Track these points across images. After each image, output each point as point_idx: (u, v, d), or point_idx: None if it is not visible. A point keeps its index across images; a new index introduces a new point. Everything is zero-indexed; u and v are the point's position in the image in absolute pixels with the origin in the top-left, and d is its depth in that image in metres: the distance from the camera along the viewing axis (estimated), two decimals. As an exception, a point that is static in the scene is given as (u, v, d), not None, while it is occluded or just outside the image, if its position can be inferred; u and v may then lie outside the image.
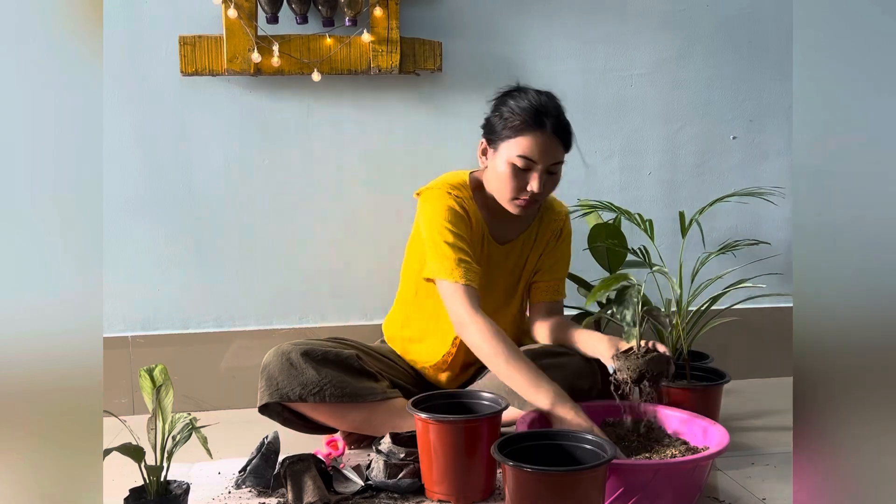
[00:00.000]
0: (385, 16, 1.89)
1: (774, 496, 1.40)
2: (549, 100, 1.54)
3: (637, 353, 1.42)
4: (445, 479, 1.34)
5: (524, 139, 1.50)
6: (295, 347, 1.57)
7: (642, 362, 1.39)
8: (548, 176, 1.54)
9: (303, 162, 1.99)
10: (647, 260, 1.74)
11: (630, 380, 1.39)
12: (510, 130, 1.51)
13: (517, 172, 1.52)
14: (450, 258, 1.52)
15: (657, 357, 1.41)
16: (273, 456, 1.42)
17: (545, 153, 1.51)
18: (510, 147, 1.51)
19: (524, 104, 1.51)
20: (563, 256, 1.73)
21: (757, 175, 2.16)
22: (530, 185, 1.52)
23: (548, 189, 1.56)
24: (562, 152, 1.54)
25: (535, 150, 1.50)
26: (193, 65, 1.87)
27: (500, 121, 1.53)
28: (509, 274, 1.69)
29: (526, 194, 1.53)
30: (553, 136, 1.51)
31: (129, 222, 1.94)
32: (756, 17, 2.12)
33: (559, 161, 1.54)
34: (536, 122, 1.49)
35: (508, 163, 1.51)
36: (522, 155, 1.50)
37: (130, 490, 1.21)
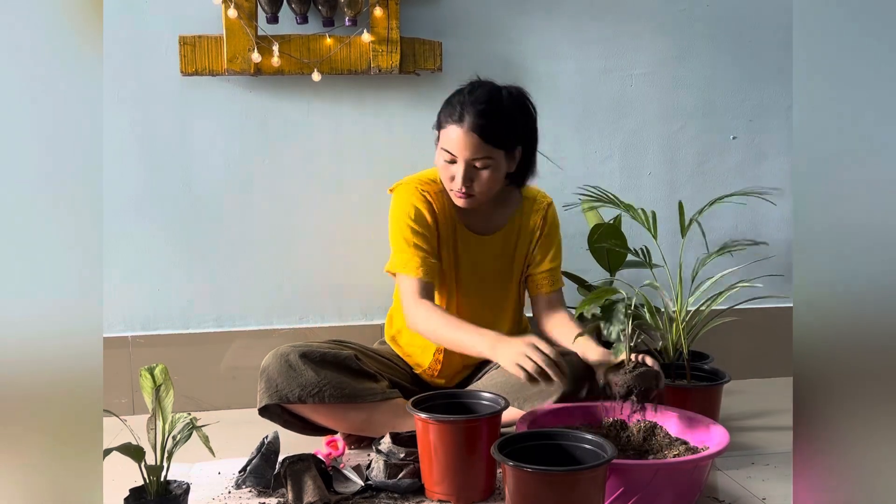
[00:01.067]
0: (385, 16, 1.89)
1: (774, 496, 1.40)
2: (478, 97, 1.54)
3: (626, 367, 1.40)
4: (445, 479, 1.34)
5: (445, 132, 1.55)
6: (293, 349, 1.58)
7: (630, 377, 1.38)
8: (475, 170, 1.55)
9: (303, 162, 1.99)
10: (647, 260, 1.74)
11: (618, 395, 1.39)
12: (439, 124, 1.58)
13: (446, 165, 1.56)
14: (408, 254, 1.59)
15: (645, 372, 1.39)
16: (273, 456, 1.42)
17: (462, 147, 1.52)
18: (440, 140, 1.57)
19: (454, 98, 1.56)
20: (551, 245, 1.72)
21: (757, 175, 2.16)
22: (455, 177, 1.55)
23: (480, 185, 1.56)
24: (485, 148, 1.53)
25: (452, 144, 1.54)
26: (193, 65, 1.87)
27: (439, 115, 1.59)
28: (495, 265, 1.70)
29: (454, 185, 1.56)
30: (470, 133, 1.51)
31: (129, 222, 1.94)
32: (756, 17, 2.12)
33: (484, 157, 1.53)
34: (457, 117, 1.53)
35: (440, 153, 1.57)
36: (443, 147, 1.55)
37: (130, 490, 1.21)
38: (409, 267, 1.58)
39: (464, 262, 1.68)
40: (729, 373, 1.70)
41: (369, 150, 2.00)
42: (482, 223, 1.69)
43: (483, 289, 1.70)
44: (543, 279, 1.71)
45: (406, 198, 1.63)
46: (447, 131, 1.55)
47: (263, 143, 1.97)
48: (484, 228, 1.69)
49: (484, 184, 1.56)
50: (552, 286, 1.71)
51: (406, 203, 1.62)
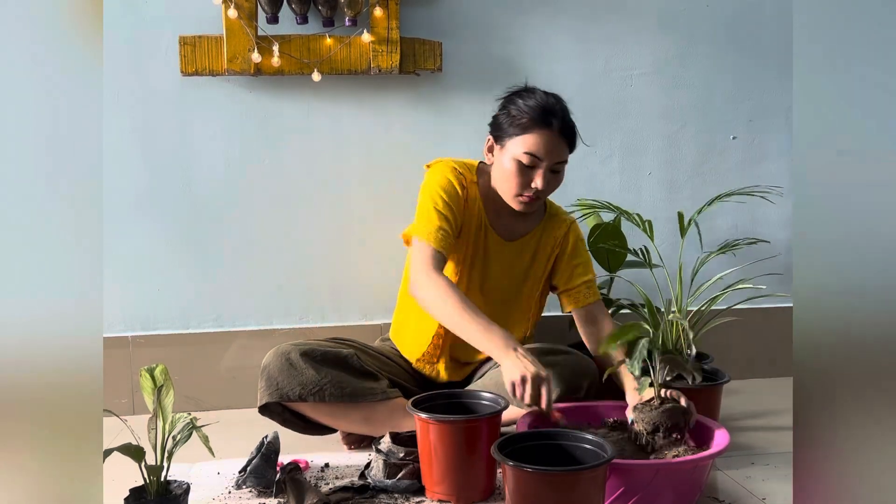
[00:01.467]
0: (385, 16, 1.89)
1: (774, 496, 1.40)
2: (557, 101, 1.58)
3: (653, 404, 1.38)
4: (445, 478, 1.34)
5: (531, 136, 1.53)
6: (294, 347, 1.58)
7: (657, 414, 1.36)
8: (551, 174, 1.56)
9: (303, 162, 1.99)
10: (647, 260, 1.74)
11: (645, 431, 1.37)
12: (518, 128, 1.54)
13: (522, 169, 1.55)
14: (432, 222, 1.57)
15: (672, 409, 1.37)
16: (273, 456, 1.42)
17: (550, 151, 1.53)
18: (517, 144, 1.54)
19: (532, 103, 1.55)
20: (580, 262, 1.71)
21: (757, 175, 2.16)
22: (534, 181, 1.55)
23: (551, 187, 1.59)
24: (566, 152, 1.57)
25: (541, 148, 1.53)
26: (193, 65, 1.87)
27: (508, 118, 1.56)
28: (510, 271, 1.69)
29: (530, 191, 1.56)
30: (559, 136, 1.54)
31: (129, 222, 1.94)
32: (756, 17, 2.12)
33: (563, 160, 1.57)
34: (544, 121, 1.53)
35: (514, 159, 1.54)
36: (529, 152, 1.53)
37: (130, 490, 1.21)
38: (427, 231, 1.56)
39: (482, 260, 1.68)
40: (729, 373, 1.70)
41: (369, 150, 2.00)
42: (507, 229, 1.68)
43: (494, 292, 1.69)
44: (578, 293, 1.69)
45: (444, 172, 1.62)
46: (530, 136, 1.52)
47: (263, 143, 1.97)
48: (508, 234, 1.69)
49: (554, 186, 1.59)
50: (586, 299, 1.69)
51: (442, 176, 1.61)
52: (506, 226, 1.68)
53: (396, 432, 1.47)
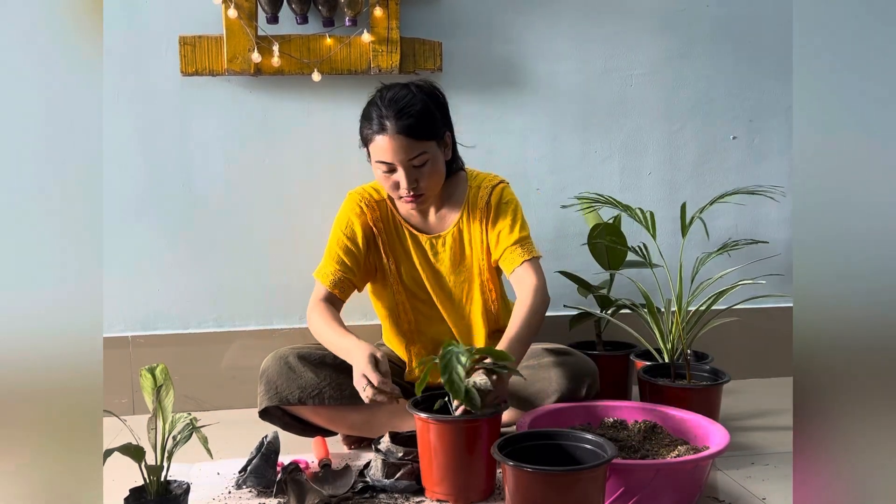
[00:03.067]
0: (385, 16, 1.89)
1: (774, 496, 1.40)
2: (395, 99, 1.52)
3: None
4: (445, 479, 1.34)
5: (374, 146, 1.53)
6: (293, 351, 1.58)
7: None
8: (416, 169, 1.53)
9: (303, 162, 1.99)
10: (646, 258, 1.74)
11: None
12: (366, 138, 1.55)
13: (386, 176, 1.55)
14: (328, 265, 1.64)
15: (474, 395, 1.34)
16: (273, 455, 1.42)
17: (395, 152, 1.50)
18: (372, 155, 1.56)
19: (367, 113, 1.55)
20: (503, 226, 1.61)
21: (757, 175, 2.16)
22: (400, 183, 1.54)
23: (426, 181, 1.54)
24: (417, 145, 1.51)
25: (385, 153, 1.51)
26: (193, 65, 1.87)
27: (361, 127, 1.57)
28: (452, 265, 1.66)
29: (403, 191, 1.55)
30: (398, 136, 1.50)
31: (129, 222, 1.94)
32: (756, 17, 2.12)
33: (419, 153, 1.51)
34: (379, 127, 1.51)
35: (376, 169, 1.56)
36: (378, 160, 1.54)
37: (130, 490, 1.21)
38: (323, 274, 1.64)
39: (418, 266, 1.66)
40: (729, 373, 1.70)
41: (369, 150, 2.00)
42: (436, 223, 1.67)
43: (443, 291, 1.67)
44: (506, 257, 1.61)
45: (345, 209, 1.67)
46: (375, 144, 1.52)
47: (263, 143, 1.97)
48: (438, 228, 1.66)
49: (428, 179, 1.54)
50: (513, 263, 1.59)
51: (343, 216, 1.66)
52: (432, 221, 1.67)
53: (396, 432, 1.47)
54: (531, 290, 1.55)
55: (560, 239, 2.07)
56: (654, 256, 1.75)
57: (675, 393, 1.62)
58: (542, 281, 1.58)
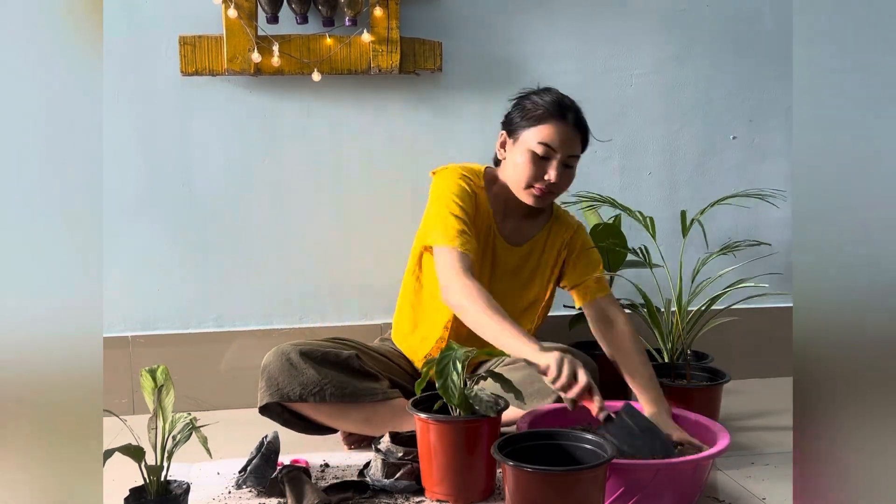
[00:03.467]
0: (385, 16, 1.89)
1: (774, 496, 1.40)
2: (572, 101, 1.61)
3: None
4: (445, 479, 1.34)
5: (546, 127, 1.55)
6: (294, 347, 1.58)
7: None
8: (564, 168, 1.57)
9: (303, 162, 1.99)
10: (647, 259, 1.74)
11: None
12: (532, 120, 1.57)
13: (536, 160, 1.56)
14: (452, 227, 1.55)
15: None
16: (273, 455, 1.42)
17: (565, 143, 1.55)
18: (531, 135, 1.56)
19: (547, 97, 1.58)
20: (589, 260, 1.71)
21: (757, 175, 2.16)
22: (548, 173, 1.56)
23: (563, 181, 1.59)
24: (579, 147, 1.59)
25: (555, 139, 1.55)
26: (193, 65, 1.87)
27: (522, 112, 1.59)
28: (514, 275, 1.69)
29: (542, 183, 1.56)
30: (573, 129, 1.57)
31: (129, 222, 1.94)
32: (756, 17, 2.12)
33: (576, 154, 1.59)
34: (559, 113, 1.56)
35: (528, 150, 1.56)
36: (543, 142, 1.55)
37: (130, 490, 1.21)
38: (449, 237, 1.53)
39: (490, 264, 1.68)
40: (729, 373, 1.71)
41: (369, 150, 2.00)
42: (514, 233, 1.69)
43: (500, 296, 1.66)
44: (586, 287, 1.69)
45: (453, 178, 1.62)
46: (545, 127, 1.54)
47: (263, 143, 1.97)
48: (515, 238, 1.69)
49: (566, 182, 1.60)
50: (595, 293, 1.68)
51: (454, 182, 1.61)
52: (512, 229, 1.69)
53: (396, 432, 1.47)
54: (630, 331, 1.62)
55: (560, 239, 2.07)
56: (654, 257, 1.75)
57: (675, 393, 1.62)
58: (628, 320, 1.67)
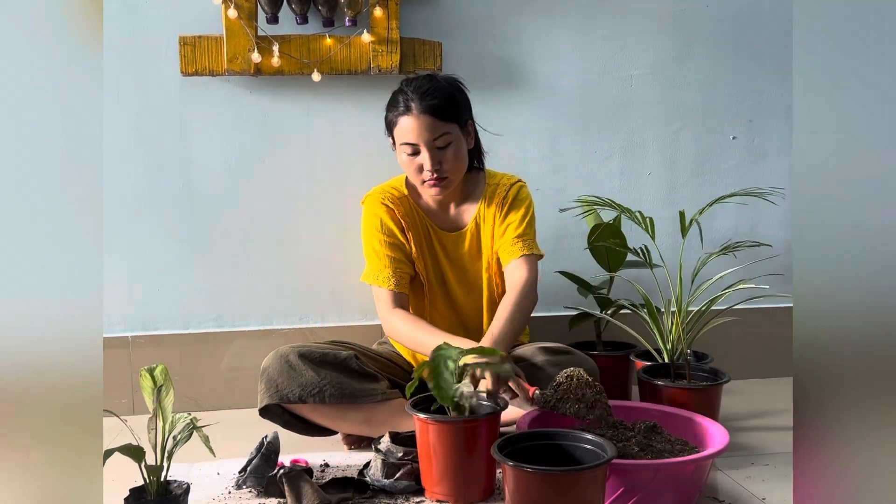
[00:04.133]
0: (385, 16, 1.89)
1: (774, 496, 1.40)
2: (421, 83, 1.59)
3: None
4: (445, 479, 1.34)
5: (398, 127, 1.60)
6: (293, 349, 1.58)
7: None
8: (440, 151, 1.59)
9: (303, 162, 1.99)
10: (647, 259, 1.74)
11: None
12: (391, 122, 1.62)
13: (410, 159, 1.60)
14: (379, 266, 1.66)
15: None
16: (273, 456, 1.42)
17: (419, 132, 1.57)
18: (396, 139, 1.62)
19: (393, 99, 1.62)
20: (512, 218, 1.66)
21: (757, 175, 2.16)
22: (424, 164, 1.58)
23: (449, 164, 1.60)
24: (441, 125, 1.57)
25: (409, 133, 1.58)
26: (193, 65, 1.87)
27: (387, 114, 1.64)
28: (469, 261, 1.71)
29: (427, 174, 1.60)
30: (422, 115, 1.56)
31: (129, 222, 1.94)
32: (756, 17, 2.12)
33: (442, 133, 1.58)
34: (404, 108, 1.58)
35: (401, 152, 1.61)
36: (403, 142, 1.59)
37: (130, 490, 1.21)
38: (380, 278, 1.64)
39: (440, 261, 1.71)
40: (729, 373, 1.70)
41: (369, 150, 2.00)
42: (453, 220, 1.72)
43: (461, 286, 1.72)
44: (505, 250, 1.65)
45: (372, 210, 1.68)
46: (400, 126, 1.59)
47: (263, 143, 1.97)
48: (454, 225, 1.72)
49: (451, 162, 1.60)
50: (512, 255, 1.63)
51: (372, 215, 1.68)
52: (449, 218, 1.72)
53: (396, 432, 1.47)
54: (519, 285, 1.60)
55: (560, 239, 2.07)
56: (653, 257, 1.75)
57: (675, 393, 1.62)
58: (533, 277, 1.62)
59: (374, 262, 1.67)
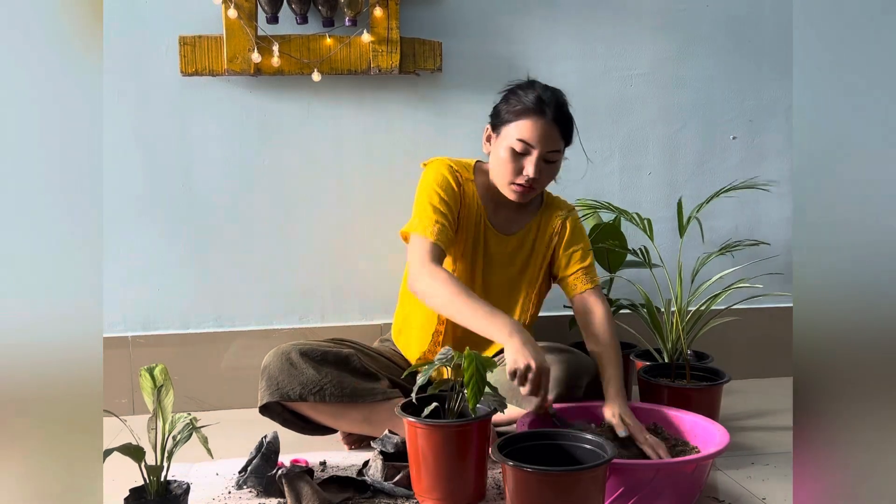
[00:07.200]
0: (385, 16, 1.89)
1: (774, 496, 1.40)
2: (554, 92, 1.60)
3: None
4: (435, 483, 1.32)
5: (524, 123, 1.55)
6: (294, 347, 1.58)
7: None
8: (545, 164, 1.58)
9: (303, 162, 1.99)
10: (646, 260, 1.74)
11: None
12: (512, 115, 1.57)
13: (515, 156, 1.57)
14: (429, 217, 1.59)
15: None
16: (273, 456, 1.42)
17: (543, 138, 1.55)
18: (510, 131, 1.57)
19: (528, 92, 1.58)
20: (577, 248, 1.69)
21: (757, 175, 2.15)
22: (526, 169, 1.56)
23: (544, 177, 1.60)
24: (560, 142, 1.58)
25: (533, 135, 1.55)
26: (193, 65, 1.87)
27: (505, 107, 1.60)
28: (510, 264, 1.70)
29: (522, 178, 1.57)
30: (552, 124, 1.56)
31: (129, 222, 1.94)
32: (756, 17, 2.12)
33: (557, 149, 1.58)
34: (537, 109, 1.55)
35: (508, 146, 1.57)
36: (521, 138, 1.55)
37: (130, 490, 1.21)
38: (425, 227, 1.57)
39: (482, 254, 1.69)
40: (729, 373, 1.71)
41: (369, 150, 2.01)
42: (506, 222, 1.70)
43: (495, 286, 1.70)
44: (575, 280, 1.68)
45: (440, 170, 1.64)
46: (523, 123, 1.55)
47: (263, 143, 1.97)
48: (506, 228, 1.70)
49: (547, 177, 1.60)
50: (584, 285, 1.67)
51: (438, 174, 1.64)
52: (504, 219, 1.70)
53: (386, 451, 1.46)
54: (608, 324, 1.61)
55: (560, 239, 2.08)
56: (653, 258, 1.75)
57: (675, 393, 1.62)
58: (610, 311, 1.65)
59: (423, 214, 1.59)
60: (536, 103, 1.55)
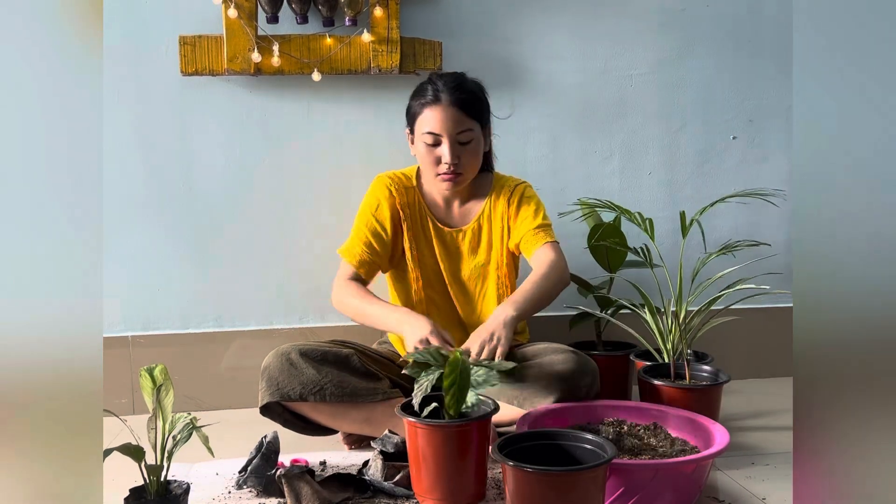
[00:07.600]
0: (385, 16, 1.89)
1: (774, 496, 1.40)
2: (452, 77, 1.65)
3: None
4: (434, 483, 1.31)
5: (425, 115, 1.62)
6: (294, 348, 1.58)
7: None
8: (461, 146, 1.62)
9: (303, 162, 1.99)
10: (647, 259, 1.74)
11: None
12: (417, 111, 1.64)
13: (430, 149, 1.63)
14: (358, 246, 1.69)
15: None
16: (273, 455, 1.42)
17: (446, 123, 1.60)
18: (419, 127, 1.64)
19: (425, 85, 1.65)
20: (526, 212, 1.70)
21: (757, 175, 2.16)
22: (443, 157, 1.61)
23: (467, 160, 1.63)
24: (469, 121, 1.62)
25: (435, 123, 1.60)
26: (193, 65, 1.87)
27: (412, 105, 1.67)
28: (472, 256, 1.73)
29: (443, 167, 1.63)
30: (450, 107, 1.60)
31: (129, 222, 1.94)
32: (756, 17, 2.12)
33: (467, 129, 1.62)
34: (433, 98, 1.61)
35: (422, 142, 1.63)
36: (428, 131, 1.62)
37: (130, 490, 1.21)
38: (350, 253, 1.69)
39: (436, 255, 1.72)
40: (729, 373, 1.70)
41: (369, 149, 2.00)
42: (459, 216, 1.75)
43: (456, 282, 1.74)
44: (527, 241, 1.69)
45: (375, 192, 1.73)
46: (425, 116, 1.62)
47: (263, 143, 1.97)
48: (460, 221, 1.74)
49: (469, 160, 1.64)
50: (537, 243, 1.67)
51: (373, 197, 1.72)
52: (456, 213, 1.75)
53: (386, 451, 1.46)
54: (547, 262, 1.63)
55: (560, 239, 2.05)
56: (653, 257, 1.75)
57: (675, 393, 1.62)
58: (562, 259, 1.67)
59: (354, 240, 1.70)
60: (432, 93, 1.61)
